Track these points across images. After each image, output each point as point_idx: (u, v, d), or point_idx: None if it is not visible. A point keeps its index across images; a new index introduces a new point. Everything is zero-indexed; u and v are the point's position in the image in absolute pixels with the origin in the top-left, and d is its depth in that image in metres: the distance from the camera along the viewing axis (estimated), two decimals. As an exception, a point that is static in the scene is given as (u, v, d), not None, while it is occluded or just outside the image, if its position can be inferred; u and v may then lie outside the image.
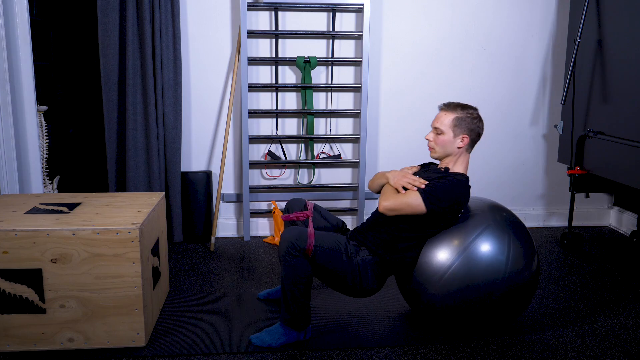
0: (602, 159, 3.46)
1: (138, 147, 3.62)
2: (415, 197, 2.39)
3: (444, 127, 2.51)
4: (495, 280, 2.39)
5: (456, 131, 2.51)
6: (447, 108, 2.54)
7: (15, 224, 2.34)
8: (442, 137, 2.52)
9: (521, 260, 2.44)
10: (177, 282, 3.17)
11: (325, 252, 2.39)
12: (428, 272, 2.47)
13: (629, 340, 2.58)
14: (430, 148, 2.58)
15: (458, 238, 2.44)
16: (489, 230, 2.44)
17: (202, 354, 2.42)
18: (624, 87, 3.27)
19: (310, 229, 2.42)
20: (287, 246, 2.34)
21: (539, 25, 4.02)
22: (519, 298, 2.46)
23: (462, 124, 2.50)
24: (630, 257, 3.64)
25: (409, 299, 2.63)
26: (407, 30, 3.93)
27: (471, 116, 2.52)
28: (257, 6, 3.74)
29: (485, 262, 2.39)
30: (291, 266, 2.35)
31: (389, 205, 2.41)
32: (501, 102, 4.10)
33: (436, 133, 2.54)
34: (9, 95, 3.19)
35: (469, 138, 2.52)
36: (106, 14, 3.50)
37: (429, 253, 2.48)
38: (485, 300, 2.40)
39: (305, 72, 3.81)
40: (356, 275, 2.47)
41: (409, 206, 2.39)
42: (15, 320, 2.36)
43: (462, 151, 2.55)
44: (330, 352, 2.44)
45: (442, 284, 2.42)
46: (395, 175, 2.52)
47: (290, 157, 3.98)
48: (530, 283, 2.48)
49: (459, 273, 2.40)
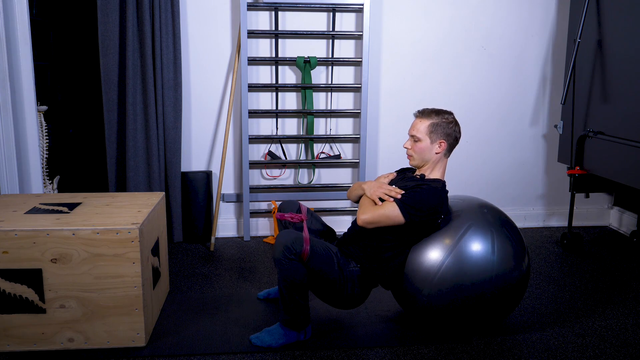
0: (602, 159, 3.46)
1: (138, 147, 3.62)
2: (392, 208, 2.38)
3: (420, 134, 2.50)
4: (484, 279, 2.38)
5: (433, 137, 2.50)
6: (422, 115, 2.53)
7: (15, 224, 2.34)
8: (419, 144, 2.51)
9: (510, 258, 2.43)
10: (177, 282, 3.17)
11: (319, 258, 2.39)
12: (417, 275, 2.47)
13: (629, 340, 2.58)
14: (408, 156, 2.58)
15: (446, 238, 2.44)
16: (473, 229, 2.43)
17: (202, 354, 2.42)
18: (624, 87, 3.27)
19: (306, 234, 2.42)
20: (283, 249, 2.32)
21: (539, 25, 4.02)
22: (508, 296, 2.45)
23: (438, 130, 2.49)
24: (630, 257, 3.64)
25: (401, 302, 2.64)
26: (407, 30, 3.93)
27: (447, 121, 2.51)
28: (257, 6, 3.74)
29: (473, 261, 2.39)
30: (287, 270, 2.34)
31: (367, 219, 2.39)
32: (501, 102, 4.10)
33: (413, 141, 2.53)
34: (9, 95, 3.19)
35: (446, 143, 2.51)
36: (106, 14, 3.50)
37: (417, 256, 2.48)
38: (475, 299, 2.40)
39: (305, 72, 3.81)
40: (345, 285, 2.47)
41: (387, 218, 2.38)
42: (15, 320, 2.36)
43: (440, 157, 2.54)
44: (330, 352, 2.44)
45: (433, 285, 2.42)
46: (372, 186, 2.51)
47: (290, 157, 3.98)
48: (520, 281, 2.47)
49: (448, 274, 2.39)
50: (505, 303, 2.47)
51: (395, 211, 2.37)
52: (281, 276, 2.36)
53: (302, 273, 2.36)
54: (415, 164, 2.58)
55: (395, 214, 2.37)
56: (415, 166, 2.60)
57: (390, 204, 2.39)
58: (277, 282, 2.43)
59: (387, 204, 2.40)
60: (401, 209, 2.37)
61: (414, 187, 2.45)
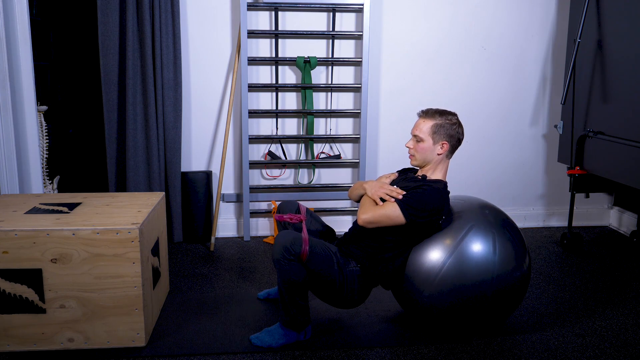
0: (602, 159, 3.46)
1: (138, 147, 3.62)
2: (393, 208, 2.37)
3: (422, 134, 2.50)
4: (485, 279, 2.38)
5: (435, 138, 2.49)
6: (426, 115, 2.52)
7: (15, 224, 2.34)
8: (421, 144, 2.50)
9: (511, 259, 2.43)
10: (177, 282, 3.17)
11: (318, 258, 2.39)
12: (418, 276, 2.47)
13: (629, 340, 2.58)
14: (410, 156, 2.57)
15: (447, 239, 2.44)
16: (474, 230, 2.43)
17: (202, 354, 2.42)
18: (624, 87, 3.27)
19: (305, 234, 2.42)
20: (282, 250, 2.32)
21: (539, 25, 4.02)
22: (509, 296, 2.46)
23: (440, 131, 2.48)
24: (630, 257, 3.64)
25: (402, 303, 2.64)
26: (407, 30, 3.93)
27: (450, 122, 2.49)
28: (257, 6, 3.74)
29: (474, 262, 2.39)
30: (286, 270, 2.34)
31: (367, 219, 2.39)
32: (501, 102, 4.10)
33: (416, 140, 2.52)
34: (9, 95, 3.19)
35: (448, 144, 2.50)
36: (106, 14, 3.50)
37: (418, 257, 2.48)
38: (476, 299, 2.40)
39: (305, 72, 3.81)
40: (345, 285, 2.47)
41: (388, 218, 2.38)
42: (15, 320, 2.36)
43: (442, 158, 2.53)
44: (330, 352, 2.44)
45: (434, 285, 2.42)
46: (373, 186, 2.50)
47: (290, 157, 3.98)
48: (521, 281, 2.48)
49: (449, 275, 2.39)
50: (506, 304, 2.47)
51: (396, 211, 2.37)
52: (281, 277, 2.36)
53: (301, 274, 2.36)
54: (416, 164, 2.58)
55: (396, 214, 2.37)
56: (417, 166, 2.59)
57: (392, 204, 2.38)
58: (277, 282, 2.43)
59: (388, 204, 2.39)
60: (402, 209, 2.36)
61: (415, 187, 2.45)
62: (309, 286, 2.46)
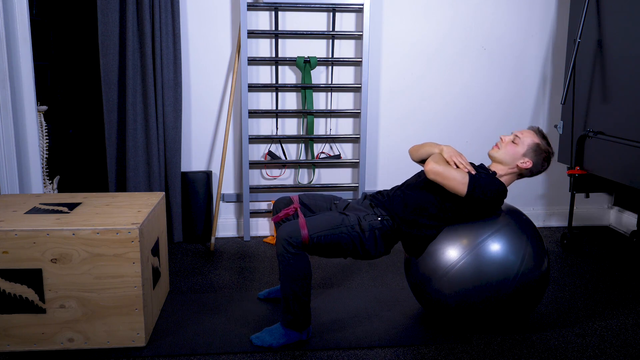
0: (602, 159, 3.46)
1: (138, 147, 3.62)
2: (463, 175, 2.41)
3: (523, 140, 2.58)
4: (507, 279, 2.42)
5: (528, 153, 2.56)
6: (538, 133, 2.61)
7: (15, 224, 2.34)
8: (514, 146, 2.57)
9: (534, 261, 2.48)
10: (177, 282, 3.17)
11: (321, 235, 2.40)
12: (437, 266, 2.50)
13: (629, 340, 2.58)
14: (496, 145, 2.62)
15: (469, 235, 2.47)
16: (506, 229, 2.47)
17: (202, 354, 2.42)
18: (624, 87, 3.27)
19: (301, 218, 2.43)
20: (283, 244, 2.34)
21: (539, 25, 4.02)
22: (529, 298, 2.50)
23: (536, 153, 2.57)
24: (630, 257, 3.64)
25: (416, 293, 2.66)
26: (407, 30, 3.93)
27: (546, 153, 2.59)
28: (257, 6, 3.74)
29: (498, 261, 2.42)
30: (290, 264, 2.35)
31: (438, 170, 2.41)
32: (501, 102, 4.10)
33: (512, 140, 2.59)
34: (9, 95, 3.19)
35: (530, 166, 2.57)
36: (106, 14, 3.50)
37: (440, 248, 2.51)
38: (496, 298, 2.43)
39: (305, 72, 3.81)
40: (360, 242, 2.47)
41: (454, 180, 2.40)
42: (15, 320, 2.36)
43: (516, 170, 2.60)
44: (330, 352, 2.44)
45: (449, 278, 2.45)
46: (451, 150, 2.54)
47: (290, 157, 3.98)
48: (541, 284, 2.52)
49: (467, 270, 2.43)
50: (525, 304, 2.52)
51: (464, 179, 2.40)
52: (283, 272, 2.37)
53: (305, 266, 2.38)
54: (495, 156, 2.61)
55: (463, 182, 2.40)
56: (494, 158, 2.63)
57: (463, 172, 2.43)
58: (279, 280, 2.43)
59: (460, 170, 2.44)
60: (470, 181, 2.40)
61: (484, 172, 2.53)
62: (326, 257, 2.49)
